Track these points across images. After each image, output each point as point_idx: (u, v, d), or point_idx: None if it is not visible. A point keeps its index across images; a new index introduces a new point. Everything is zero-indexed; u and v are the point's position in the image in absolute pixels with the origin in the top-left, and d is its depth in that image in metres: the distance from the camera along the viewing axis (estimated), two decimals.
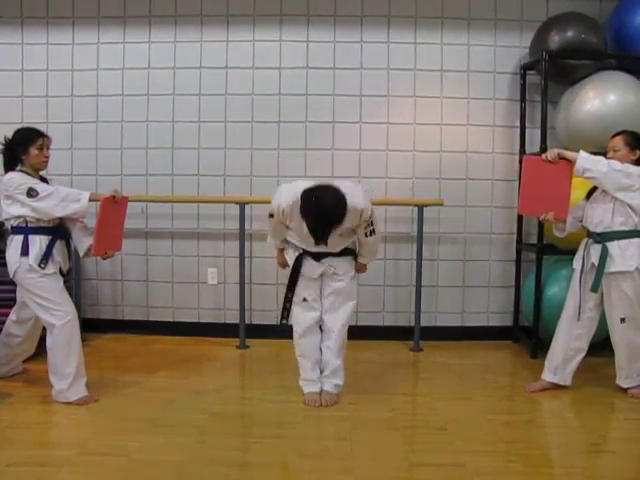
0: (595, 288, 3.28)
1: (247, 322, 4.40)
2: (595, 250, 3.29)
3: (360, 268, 3.37)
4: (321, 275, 3.24)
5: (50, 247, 3.15)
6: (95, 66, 4.51)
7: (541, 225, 3.97)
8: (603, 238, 3.26)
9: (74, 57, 4.51)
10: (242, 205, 4.28)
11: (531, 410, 3.28)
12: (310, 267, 3.22)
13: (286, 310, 3.28)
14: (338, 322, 3.26)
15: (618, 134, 3.31)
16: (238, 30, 4.47)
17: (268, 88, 4.49)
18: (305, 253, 3.22)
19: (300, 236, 3.14)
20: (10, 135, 3.17)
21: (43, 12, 4.49)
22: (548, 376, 3.47)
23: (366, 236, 3.19)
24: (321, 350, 3.30)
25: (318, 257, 3.20)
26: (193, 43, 4.48)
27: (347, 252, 3.26)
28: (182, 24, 4.48)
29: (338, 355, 3.28)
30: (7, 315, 3.43)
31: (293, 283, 3.24)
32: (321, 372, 3.31)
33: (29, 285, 3.13)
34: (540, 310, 4.03)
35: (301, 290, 3.26)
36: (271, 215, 3.17)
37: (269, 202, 3.25)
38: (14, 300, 3.38)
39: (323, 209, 2.87)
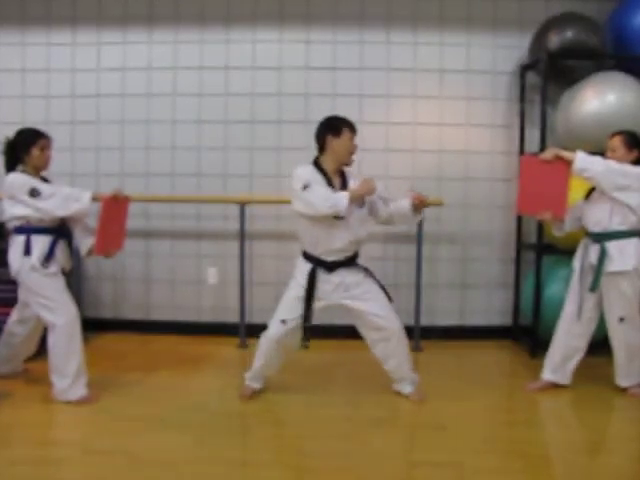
0: (594, 288, 3.29)
1: (247, 321, 4.41)
2: (594, 250, 3.30)
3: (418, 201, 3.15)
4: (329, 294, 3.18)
5: (52, 247, 3.16)
6: (96, 66, 4.53)
7: (541, 225, 3.98)
8: (601, 238, 3.27)
9: (75, 57, 4.52)
10: (242, 205, 4.29)
11: (531, 409, 3.29)
12: (322, 284, 3.16)
13: (307, 332, 3.18)
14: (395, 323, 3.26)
15: (616, 134, 3.32)
16: (238, 30, 4.49)
17: (268, 88, 4.50)
18: (318, 265, 3.16)
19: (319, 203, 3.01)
20: (12, 135, 3.18)
21: (44, 12, 4.50)
22: (548, 375, 3.48)
23: (387, 205, 3.24)
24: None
25: (331, 268, 3.16)
26: (193, 43, 4.49)
27: (357, 265, 3.22)
28: (182, 24, 4.49)
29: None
30: (7, 315, 3.44)
31: (309, 299, 3.14)
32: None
33: (31, 285, 3.15)
34: (539, 310, 4.04)
35: (284, 310, 3.22)
36: (307, 185, 3.05)
37: (269, 202, 3.26)
38: (14, 300, 3.39)
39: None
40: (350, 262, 3.21)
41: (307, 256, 3.21)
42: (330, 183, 3.13)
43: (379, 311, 3.19)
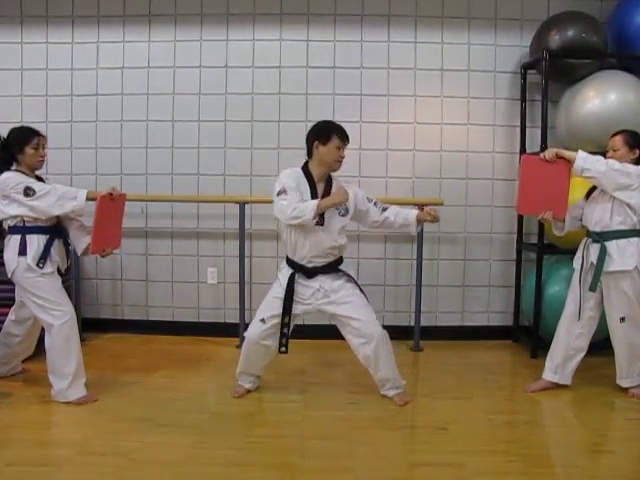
0: (593, 288, 3.28)
1: (247, 321, 4.37)
2: (594, 249, 3.29)
3: (428, 216, 3.23)
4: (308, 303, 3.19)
5: (48, 246, 3.14)
6: (95, 65, 4.51)
7: (541, 225, 3.96)
8: (602, 237, 3.26)
9: (73, 56, 4.50)
10: (242, 204, 4.27)
11: (531, 410, 3.27)
12: (301, 288, 3.17)
13: (284, 337, 3.18)
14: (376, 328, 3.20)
15: (618, 133, 3.31)
16: (238, 29, 4.47)
17: (268, 87, 4.48)
18: (298, 270, 3.16)
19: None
20: (5, 134, 3.16)
21: (43, 11, 4.48)
22: (548, 375, 3.47)
23: (383, 211, 3.25)
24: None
25: (311, 274, 3.16)
26: (193, 42, 4.48)
27: (340, 271, 3.21)
28: (182, 23, 4.47)
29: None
30: (6, 315, 3.42)
31: (289, 305, 3.14)
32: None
33: (27, 285, 3.13)
34: (540, 310, 4.02)
35: (264, 309, 3.24)
36: (282, 191, 3.03)
37: (269, 202, 3.25)
38: (13, 300, 3.38)
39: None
40: (331, 268, 3.18)
41: (288, 260, 3.22)
42: (314, 189, 3.11)
43: (359, 315, 3.15)
